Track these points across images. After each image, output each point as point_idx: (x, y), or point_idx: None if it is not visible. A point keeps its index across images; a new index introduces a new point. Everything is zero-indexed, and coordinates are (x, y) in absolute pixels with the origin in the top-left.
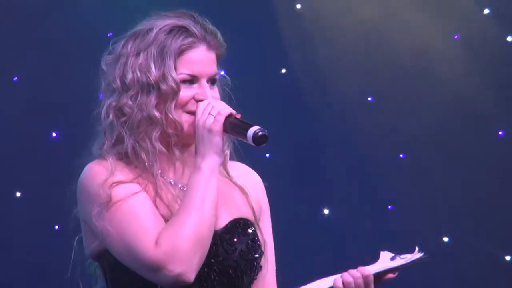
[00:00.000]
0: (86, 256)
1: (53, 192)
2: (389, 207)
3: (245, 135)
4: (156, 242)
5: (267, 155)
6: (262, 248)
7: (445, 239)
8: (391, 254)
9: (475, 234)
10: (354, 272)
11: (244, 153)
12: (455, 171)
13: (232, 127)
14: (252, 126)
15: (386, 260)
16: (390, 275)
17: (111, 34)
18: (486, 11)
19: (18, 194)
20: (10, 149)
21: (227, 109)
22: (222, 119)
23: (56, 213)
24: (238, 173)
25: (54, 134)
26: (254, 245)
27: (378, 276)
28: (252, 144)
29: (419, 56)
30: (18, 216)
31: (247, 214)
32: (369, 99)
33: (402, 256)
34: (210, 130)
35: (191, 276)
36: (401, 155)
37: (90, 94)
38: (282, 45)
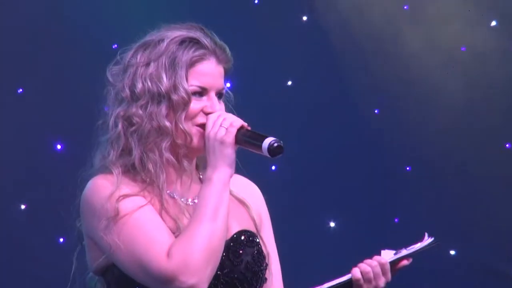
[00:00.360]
0: (87, 270)
1: (58, 204)
2: (395, 220)
3: (259, 146)
4: (168, 254)
5: (273, 167)
6: (267, 261)
7: (452, 252)
8: (394, 251)
9: (482, 247)
10: (371, 261)
11: (249, 165)
12: (462, 183)
13: (245, 138)
14: (266, 137)
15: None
16: (405, 262)
17: (116, 46)
18: (493, 23)
19: (23, 206)
20: (15, 161)
21: (238, 121)
22: (234, 130)
23: (61, 226)
24: (238, 186)
25: (58, 146)
26: (260, 257)
27: (393, 264)
28: (268, 155)
29: (426, 67)
30: (23, 228)
31: (249, 226)
32: (376, 111)
33: (408, 247)
34: (222, 142)
35: (203, 287)
36: (408, 168)
37: (95, 106)
38: (287, 57)
